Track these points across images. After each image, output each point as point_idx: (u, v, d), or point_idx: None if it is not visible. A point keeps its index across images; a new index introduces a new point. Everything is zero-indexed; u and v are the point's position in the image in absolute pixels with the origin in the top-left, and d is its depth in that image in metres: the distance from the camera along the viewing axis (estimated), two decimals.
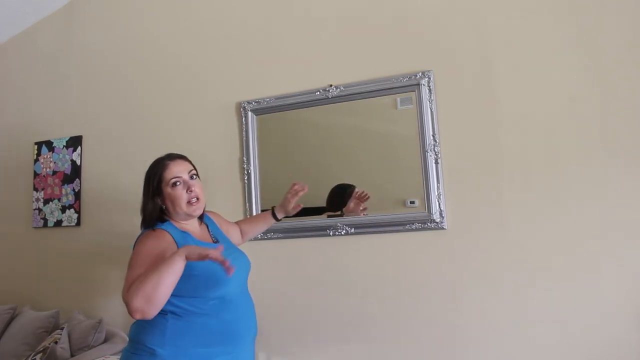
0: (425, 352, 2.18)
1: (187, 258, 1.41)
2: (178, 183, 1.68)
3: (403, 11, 2.42)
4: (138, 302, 1.37)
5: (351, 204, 2.41)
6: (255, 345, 1.78)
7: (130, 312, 1.38)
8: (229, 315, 1.59)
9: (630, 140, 2.03)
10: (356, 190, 2.40)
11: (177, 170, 1.70)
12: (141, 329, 1.56)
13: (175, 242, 1.60)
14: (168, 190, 1.68)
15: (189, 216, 1.72)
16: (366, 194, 2.35)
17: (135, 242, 1.65)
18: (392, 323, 2.28)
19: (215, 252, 1.37)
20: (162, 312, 1.49)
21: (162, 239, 1.60)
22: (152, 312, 1.39)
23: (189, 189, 1.68)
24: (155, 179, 1.69)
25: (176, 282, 1.41)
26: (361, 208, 2.38)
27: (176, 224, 1.70)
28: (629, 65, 2.06)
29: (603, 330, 1.99)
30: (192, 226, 1.74)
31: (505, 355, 2.10)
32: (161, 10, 2.99)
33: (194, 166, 1.78)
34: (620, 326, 1.98)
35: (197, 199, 1.69)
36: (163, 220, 1.69)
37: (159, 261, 1.45)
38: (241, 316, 1.64)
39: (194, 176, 1.74)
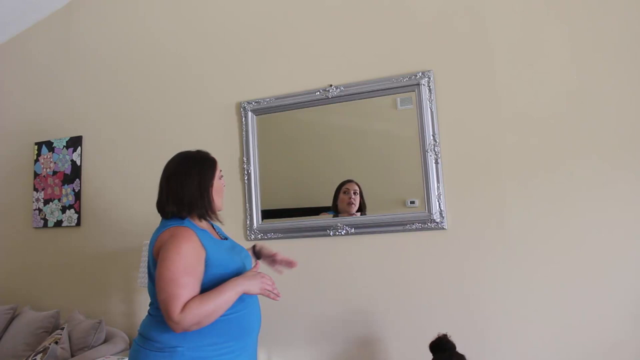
0: (425, 352, 2.18)
1: (245, 292, 1.50)
2: (222, 176, 1.71)
3: (403, 11, 2.42)
4: (188, 325, 1.39)
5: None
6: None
7: (174, 329, 1.40)
8: (243, 310, 1.57)
9: (630, 140, 2.03)
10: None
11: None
12: (158, 326, 1.50)
13: (201, 242, 1.52)
14: (216, 183, 1.65)
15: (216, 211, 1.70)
16: None
17: (161, 236, 1.52)
18: (392, 322, 2.28)
19: (270, 287, 1.56)
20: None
21: (192, 240, 1.50)
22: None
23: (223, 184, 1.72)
24: (212, 169, 1.65)
25: None
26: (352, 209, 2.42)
27: (195, 222, 1.61)
28: (630, 65, 2.06)
29: (602, 330, 1.99)
30: (206, 224, 1.69)
31: (505, 355, 2.10)
32: (161, 11, 3.00)
33: None
34: (620, 326, 1.98)
35: None
36: (182, 217, 1.59)
37: (198, 271, 1.47)
38: (252, 310, 1.62)
39: None
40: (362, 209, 2.42)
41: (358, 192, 2.43)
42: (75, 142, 3.12)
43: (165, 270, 1.43)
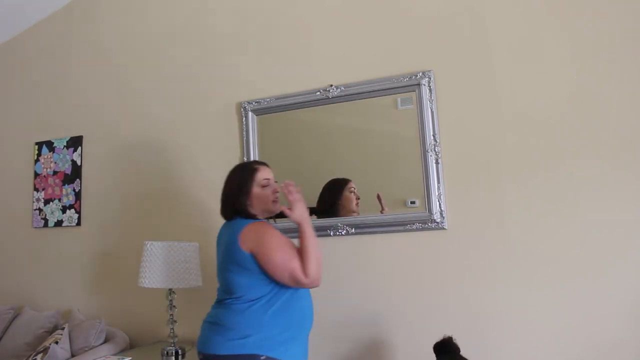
0: (425, 352, 2.18)
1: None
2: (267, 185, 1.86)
3: (403, 11, 2.42)
4: (317, 277, 1.69)
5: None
6: None
7: (313, 287, 1.71)
8: (304, 302, 1.77)
9: (630, 140, 2.03)
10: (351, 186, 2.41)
11: (267, 173, 1.89)
12: (236, 316, 1.68)
13: None
14: (257, 190, 1.83)
15: (269, 213, 1.88)
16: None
17: (242, 235, 1.71)
18: (392, 323, 2.28)
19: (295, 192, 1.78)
20: (255, 300, 1.68)
21: (269, 224, 1.81)
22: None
23: (274, 191, 1.86)
24: (251, 175, 1.86)
25: None
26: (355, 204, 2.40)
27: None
28: (630, 65, 2.06)
29: (602, 330, 1.99)
30: None
31: (505, 354, 2.10)
32: (161, 11, 3.00)
33: None
34: (620, 326, 1.98)
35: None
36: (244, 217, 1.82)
37: (289, 241, 1.73)
38: (309, 305, 1.81)
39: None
40: None
41: None
42: (75, 142, 3.12)
43: (273, 257, 1.67)
